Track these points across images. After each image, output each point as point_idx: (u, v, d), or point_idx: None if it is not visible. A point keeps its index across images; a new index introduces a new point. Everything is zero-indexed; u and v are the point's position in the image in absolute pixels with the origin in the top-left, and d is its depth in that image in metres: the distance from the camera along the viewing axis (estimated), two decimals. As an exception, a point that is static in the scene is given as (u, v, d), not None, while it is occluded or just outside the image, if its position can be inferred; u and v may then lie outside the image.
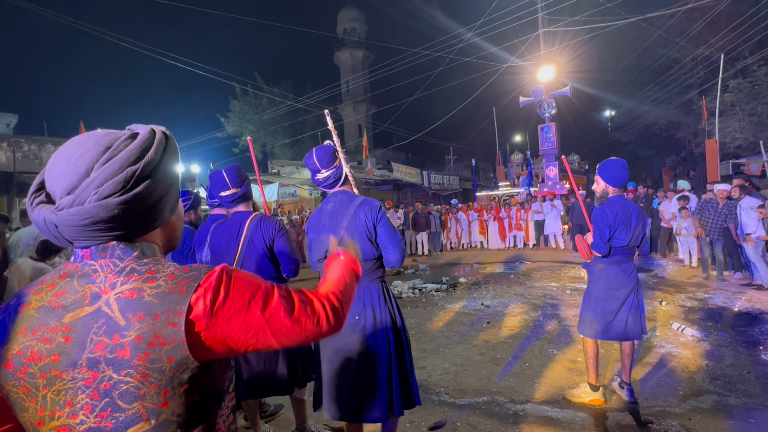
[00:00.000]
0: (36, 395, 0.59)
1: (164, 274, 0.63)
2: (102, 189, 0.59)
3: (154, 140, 0.66)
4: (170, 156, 0.68)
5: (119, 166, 0.60)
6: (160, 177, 0.65)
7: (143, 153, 0.63)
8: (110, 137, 0.63)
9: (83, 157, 0.61)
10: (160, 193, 0.66)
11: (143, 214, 0.65)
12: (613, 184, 2.69)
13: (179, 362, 0.59)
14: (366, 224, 1.86)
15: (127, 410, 0.57)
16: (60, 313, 0.60)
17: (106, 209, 0.60)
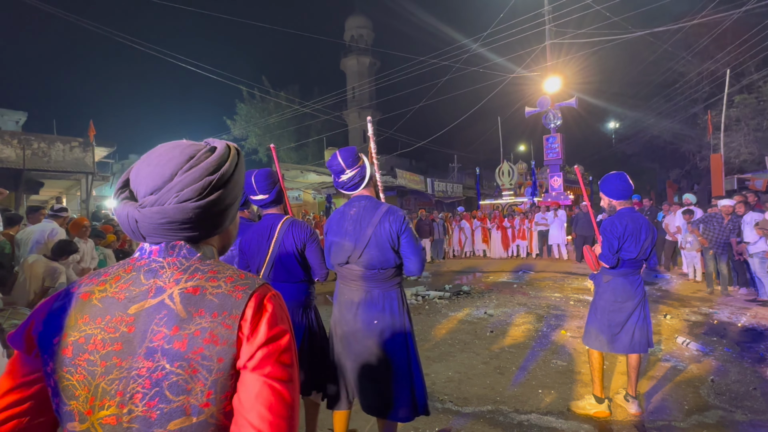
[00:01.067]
0: (90, 383, 0.61)
1: (224, 276, 0.67)
2: (182, 193, 0.65)
3: (229, 155, 0.72)
4: (239, 171, 0.74)
5: (199, 174, 0.66)
6: (230, 188, 0.71)
7: (220, 165, 0.69)
8: (194, 148, 0.70)
9: (170, 163, 0.67)
10: (228, 202, 0.71)
11: (211, 220, 0.70)
12: (615, 197, 2.70)
13: (226, 366, 0.61)
14: (390, 234, 1.89)
15: (173, 402, 0.59)
16: (125, 305, 0.64)
17: (183, 212, 0.65)
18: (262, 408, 0.59)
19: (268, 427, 0.59)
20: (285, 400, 0.61)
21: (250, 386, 0.61)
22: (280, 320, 0.66)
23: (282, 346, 0.63)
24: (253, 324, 0.63)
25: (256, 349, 0.62)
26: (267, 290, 0.68)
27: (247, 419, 0.59)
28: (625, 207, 2.73)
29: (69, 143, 11.08)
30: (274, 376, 0.61)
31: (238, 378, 0.62)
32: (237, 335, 0.62)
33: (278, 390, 0.61)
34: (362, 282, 1.95)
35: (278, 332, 0.64)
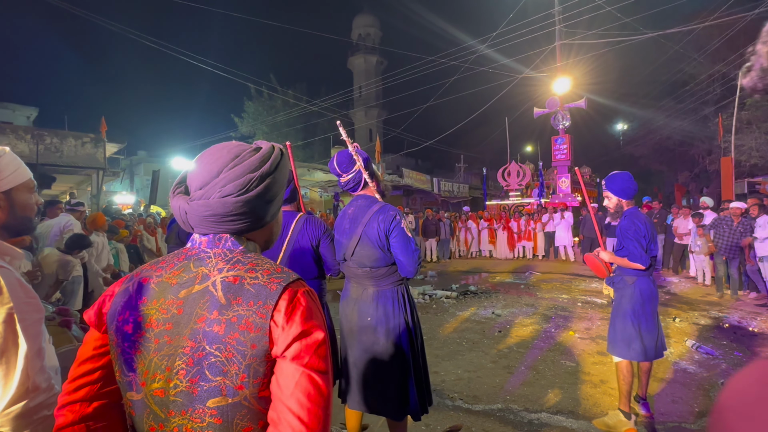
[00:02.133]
0: (145, 358, 0.67)
1: (262, 268, 0.72)
2: (225, 189, 0.71)
3: (272, 155, 0.76)
4: (281, 171, 0.78)
5: (241, 172, 0.72)
6: (270, 186, 0.75)
7: (261, 164, 0.74)
8: (240, 148, 0.75)
9: (218, 161, 0.73)
10: (267, 199, 0.75)
11: (252, 215, 0.74)
12: (625, 196, 2.65)
13: (259, 352, 0.65)
14: (378, 234, 1.88)
15: (212, 381, 0.64)
16: (176, 289, 0.70)
17: (224, 206, 0.71)
18: (301, 396, 0.63)
19: (306, 413, 0.63)
20: (321, 390, 0.65)
21: (290, 375, 0.64)
22: (315, 315, 0.69)
23: (318, 339, 0.67)
24: (287, 315, 0.66)
25: (292, 340, 0.65)
26: (302, 285, 0.72)
27: (286, 405, 0.63)
28: (632, 207, 2.68)
29: (81, 139, 11.23)
30: (312, 367, 0.65)
31: (273, 366, 0.66)
32: (270, 324, 0.66)
33: (316, 380, 0.65)
34: (359, 279, 1.99)
35: (313, 326, 0.68)
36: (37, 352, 0.91)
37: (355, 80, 35.66)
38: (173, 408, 0.65)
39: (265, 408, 0.66)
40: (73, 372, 0.73)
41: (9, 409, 0.86)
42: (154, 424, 0.67)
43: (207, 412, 0.64)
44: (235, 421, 0.64)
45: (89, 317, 0.74)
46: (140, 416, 0.68)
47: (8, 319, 0.88)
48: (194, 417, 0.64)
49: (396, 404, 1.90)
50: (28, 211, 1.07)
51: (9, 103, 19.56)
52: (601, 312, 5.62)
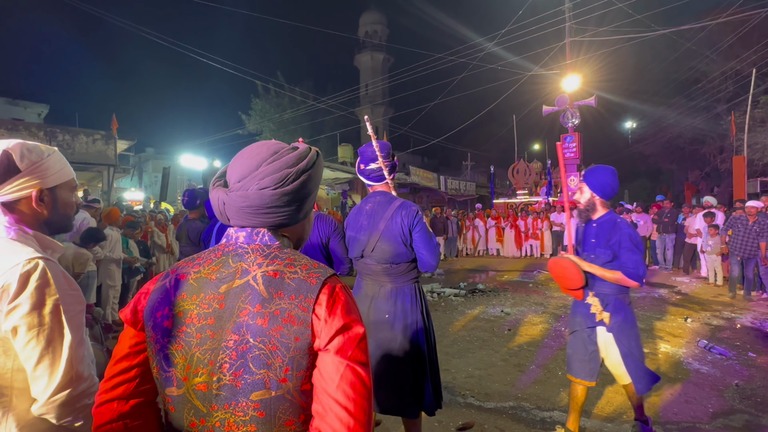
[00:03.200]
0: (187, 353, 0.68)
1: (300, 263, 0.73)
2: (263, 181, 0.73)
3: (308, 154, 0.79)
4: (317, 170, 0.80)
5: (279, 167, 0.74)
6: (305, 182, 0.77)
7: (298, 161, 0.76)
8: (278, 146, 0.78)
9: (257, 156, 0.75)
10: (303, 195, 0.77)
11: (287, 209, 0.76)
12: (602, 194, 2.27)
13: (302, 345, 0.66)
14: (402, 228, 1.90)
15: (255, 374, 0.65)
16: (216, 284, 0.71)
17: (261, 198, 0.73)
18: (347, 388, 0.64)
19: (353, 405, 0.64)
20: (365, 382, 0.66)
21: (335, 368, 0.65)
22: (354, 309, 0.71)
23: (359, 332, 0.68)
24: (328, 309, 0.68)
25: (334, 333, 0.66)
26: (338, 280, 0.73)
27: (333, 397, 0.64)
28: (609, 210, 2.30)
29: (92, 136, 11.36)
30: (356, 360, 0.66)
31: (314, 359, 0.67)
32: (311, 317, 0.67)
33: (360, 372, 0.66)
34: (376, 276, 1.99)
35: (354, 320, 0.69)
36: (80, 342, 0.94)
37: (362, 78, 35.61)
38: (216, 402, 0.66)
39: (306, 402, 0.67)
40: (109, 370, 0.74)
41: (54, 396, 0.89)
42: (195, 419, 0.67)
43: (250, 406, 0.65)
44: (278, 414, 0.65)
45: (125, 315, 0.75)
46: (180, 412, 0.69)
47: (54, 310, 0.90)
48: (237, 410, 0.65)
49: (412, 401, 1.91)
50: (68, 209, 1.10)
51: (20, 100, 19.84)
52: (611, 311, 5.58)
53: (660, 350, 4.05)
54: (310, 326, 0.67)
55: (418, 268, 2.01)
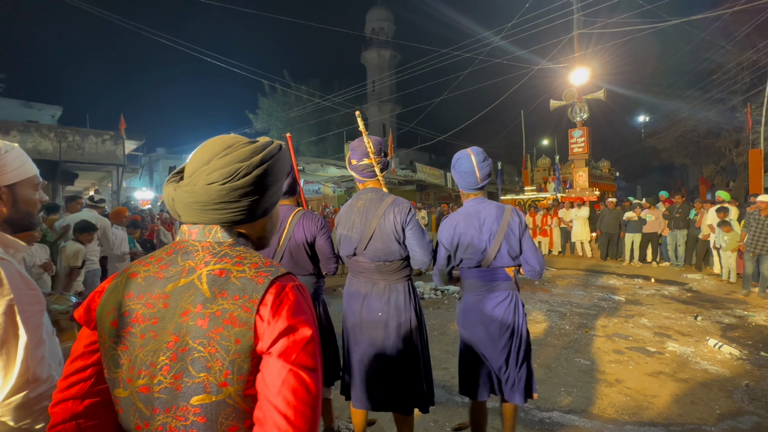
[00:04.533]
0: (131, 354, 0.66)
1: (250, 262, 0.69)
2: (211, 176, 0.69)
3: (265, 148, 0.74)
4: (275, 165, 0.75)
5: (230, 161, 0.70)
6: (260, 178, 0.72)
7: (252, 155, 0.72)
8: (234, 139, 0.74)
9: (210, 150, 0.72)
10: (257, 191, 0.72)
11: (238, 206, 0.71)
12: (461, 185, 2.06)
13: (243, 347, 0.62)
14: (395, 226, 1.88)
15: (195, 378, 0.62)
16: (163, 283, 0.69)
17: (207, 193, 0.69)
18: (288, 393, 0.60)
19: (293, 412, 0.60)
20: (309, 388, 0.62)
21: (277, 372, 0.62)
22: (303, 310, 0.66)
23: (306, 335, 0.64)
24: (273, 310, 0.64)
25: (278, 336, 0.62)
26: (290, 280, 0.69)
27: (272, 404, 0.60)
28: (470, 199, 2.06)
29: (101, 136, 11.53)
30: (300, 364, 0.62)
31: (258, 362, 0.64)
32: (255, 319, 0.63)
33: (303, 378, 0.62)
34: (369, 274, 1.96)
35: (301, 321, 0.65)
36: (37, 343, 0.92)
37: (369, 75, 35.51)
38: (158, 405, 0.64)
39: (251, 407, 0.64)
40: (66, 369, 0.73)
41: (9, 399, 0.87)
42: (139, 422, 0.65)
43: (191, 410, 0.62)
44: (220, 420, 0.62)
45: (79, 314, 0.73)
46: (127, 414, 0.67)
47: (8, 310, 0.88)
48: (178, 415, 0.63)
49: (405, 397, 1.90)
50: (30, 207, 1.08)
51: (35, 102, 20.27)
52: (618, 309, 5.47)
53: (667, 349, 3.94)
54: (253, 328, 0.63)
55: (411, 265, 1.99)
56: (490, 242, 1.93)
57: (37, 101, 20.48)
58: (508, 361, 1.96)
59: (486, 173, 1.98)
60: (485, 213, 1.97)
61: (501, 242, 1.92)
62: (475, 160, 1.96)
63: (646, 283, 7.38)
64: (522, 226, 1.95)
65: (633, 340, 4.23)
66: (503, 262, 1.95)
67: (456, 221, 2.01)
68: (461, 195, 2.12)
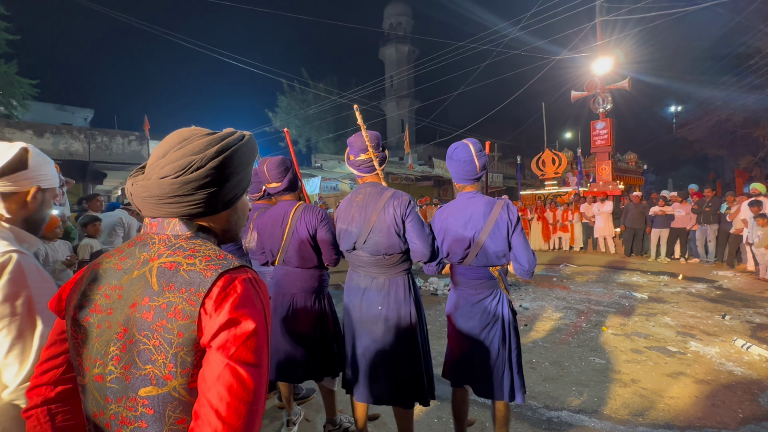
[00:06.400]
0: (88, 343, 0.68)
1: (203, 255, 0.69)
2: (164, 169, 0.69)
3: (223, 140, 0.72)
4: (234, 156, 0.72)
5: (183, 154, 0.69)
6: (216, 170, 0.70)
7: (206, 148, 0.70)
8: (192, 132, 0.73)
9: (167, 143, 0.72)
10: (212, 183, 0.71)
11: (195, 199, 0.70)
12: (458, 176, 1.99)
13: (186, 341, 0.62)
14: (395, 219, 1.87)
15: (142, 370, 0.63)
16: (120, 275, 0.70)
17: (160, 187, 0.68)
18: (222, 388, 0.59)
19: (225, 407, 0.58)
20: (246, 384, 0.60)
21: (213, 366, 0.61)
22: (250, 304, 0.64)
23: (248, 329, 0.62)
24: (217, 302, 0.63)
25: (218, 329, 0.61)
26: (242, 273, 0.67)
27: (206, 397, 0.60)
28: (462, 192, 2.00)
29: (127, 137, 12.00)
30: (238, 359, 0.61)
31: (203, 356, 0.63)
32: (199, 312, 0.63)
33: (240, 373, 0.60)
34: (368, 268, 1.96)
35: (244, 314, 0.63)
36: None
37: (387, 70, 35.38)
38: (109, 394, 0.65)
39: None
40: (41, 355, 0.76)
41: (24, 384, 0.93)
42: (96, 410, 0.67)
43: (139, 401, 0.63)
44: (167, 412, 0.63)
45: (51, 303, 0.76)
46: (86, 401, 0.69)
47: (26, 301, 0.95)
48: (128, 405, 0.64)
49: (407, 391, 1.90)
50: (47, 211, 1.18)
51: (68, 105, 21.31)
52: (640, 307, 5.26)
53: (689, 349, 3.76)
54: (197, 321, 0.63)
55: (411, 258, 1.98)
56: (474, 239, 1.87)
57: (71, 104, 21.53)
58: (489, 358, 1.91)
59: (483, 163, 1.92)
60: (472, 209, 1.91)
61: (484, 241, 1.85)
62: (474, 149, 1.91)
63: (672, 280, 7.06)
64: (512, 224, 1.85)
65: (653, 339, 4.06)
66: (487, 261, 1.89)
67: (445, 214, 1.97)
68: (455, 188, 2.07)
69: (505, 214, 1.86)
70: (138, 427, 0.63)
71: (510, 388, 1.92)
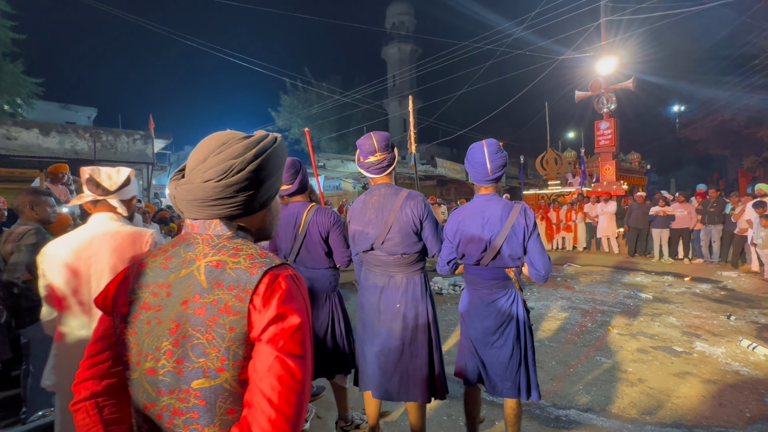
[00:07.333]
0: (139, 338, 0.71)
1: (246, 253, 0.73)
2: (206, 174, 0.72)
3: (259, 143, 0.76)
4: (270, 158, 0.77)
5: (224, 158, 0.72)
6: (255, 173, 0.74)
7: (245, 151, 0.74)
8: (229, 136, 0.76)
9: (206, 148, 0.75)
10: (253, 185, 0.75)
11: (235, 201, 0.74)
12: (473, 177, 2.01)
13: (238, 335, 0.66)
14: (413, 219, 1.92)
15: (195, 363, 0.67)
16: (167, 273, 0.73)
17: (204, 191, 0.72)
18: (273, 379, 0.64)
19: (277, 397, 0.63)
20: (295, 375, 0.65)
21: (264, 358, 0.65)
22: (294, 299, 0.69)
23: (294, 323, 0.67)
24: (265, 299, 0.67)
25: (267, 323, 0.66)
26: (284, 270, 0.71)
27: (259, 387, 0.64)
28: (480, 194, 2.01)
29: (132, 136, 12.06)
30: (286, 351, 0.65)
31: (252, 349, 0.67)
32: (248, 308, 0.67)
33: (289, 364, 0.65)
34: (386, 267, 1.99)
35: (290, 309, 0.67)
36: None
37: (389, 70, 35.36)
38: (162, 387, 0.69)
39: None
40: (87, 351, 0.79)
41: None
42: (147, 402, 0.71)
43: (192, 393, 0.66)
44: (218, 403, 0.66)
45: (97, 301, 0.79)
46: (137, 394, 0.72)
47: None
48: (181, 397, 0.67)
49: (426, 386, 1.95)
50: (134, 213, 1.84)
51: (72, 104, 21.40)
52: (645, 307, 5.27)
53: (695, 349, 3.78)
54: (247, 316, 0.67)
55: (429, 254, 2.04)
56: (490, 243, 1.89)
57: (74, 103, 21.60)
58: (504, 357, 1.94)
59: (498, 165, 1.91)
60: (490, 212, 1.92)
61: (501, 244, 1.86)
62: (488, 151, 1.91)
63: (676, 280, 7.07)
64: (529, 229, 1.86)
65: (659, 339, 4.08)
66: (503, 263, 1.91)
67: (461, 216, 2.00)
68: (474, 188, 2.10)
69: (522, 219, 1.86)
70: (190, 417, 0.67)
71: (526, 385, 1.95)
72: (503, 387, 1.95)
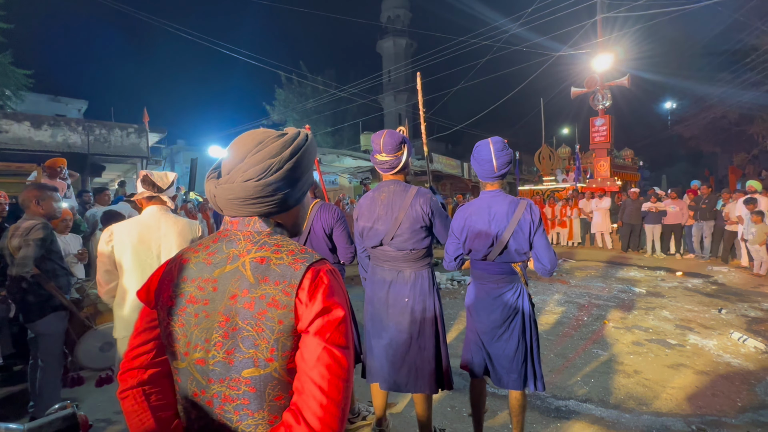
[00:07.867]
0: (187, 330, 0.75)
1: (287, 249, 0.76)
2: (246, 173, 0.75)
3: (294, 141, 0.79)
4: (304, 156, 0.80)
5: (262, 157, 0.75)
6: (292, 170, 0.77)
7: (282, 150, 0.77)
8: (264, 135, 0.79)
9: (243, 148, 0.77)
10: (289, 183, 0.78)
11: (274, 198, 0.77)
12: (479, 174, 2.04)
13: (286, 327, 0.70)
14: (422, 216, 1.96)
15: (245, 354, 0.70)
16: (211, 269, 0.76)
17: (245, 190, 0.75)
18: (322, 368, 0.68)
19: (327, 384, 0.68)
20: (342, 364, 0.70)
21: (313, 349, 0.69)
22: (336, 293, 0.73)
23: (339, 316, 0.71)
24: (309, 293, 0.71)
25: (314, 316, 0.70)
26: (324, 264, 0.76)
27: (309, 376, 0.68)
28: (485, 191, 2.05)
29: (126, 129, 11.90)
30: (333, 342, 0.70)
31: (299, 339, 0.71)
32: (295, 302, 0.71)
33: (336, 354, 0.69)
34: (395, 262, 2.04)
35: (335, 303, 0.72)
36: None
37: (384, 64, 35.22)
38: (212, 376, 0.72)
39: (293, 379, 0.71)
40: (130, 342, 0.82)
41: None
42: (197, 390, 0.74)
43: (242, 381, 0.70)
44: (267, 391, 0.70)
45: (140, 295, 0.82)
46: (185, 383, 0.76)
47: None
48: (231, 385, 0.71)
49: (434, 378, 2.01)
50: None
51: (62, 97, 21.00)
52: (639, 301, 5.39)
53: (688, 342, 3.89)
54: (294, 310, 0.70)
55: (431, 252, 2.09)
56: (497, 238, 1.93)
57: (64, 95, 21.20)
58: (510, 350, 1.99)
59: (504, 162, 1.96)
60: (496, 208, 1.95)
61: (508, 240, 1.91)
62: (494, 148, 1.95)
63: (668, 275, 7.22)
64: (534, 225, 1.90)
65: (653, 332, 4.18)
66: (509, 258, 1.96)
67: (468, 212, 2.03)
68: (480, 185, 2.14)
69: (528, 215, 1.91)
70: (240, 404, 0.71)
71: (532, 377, 2.01)
72: (509, 379, 2.01)
